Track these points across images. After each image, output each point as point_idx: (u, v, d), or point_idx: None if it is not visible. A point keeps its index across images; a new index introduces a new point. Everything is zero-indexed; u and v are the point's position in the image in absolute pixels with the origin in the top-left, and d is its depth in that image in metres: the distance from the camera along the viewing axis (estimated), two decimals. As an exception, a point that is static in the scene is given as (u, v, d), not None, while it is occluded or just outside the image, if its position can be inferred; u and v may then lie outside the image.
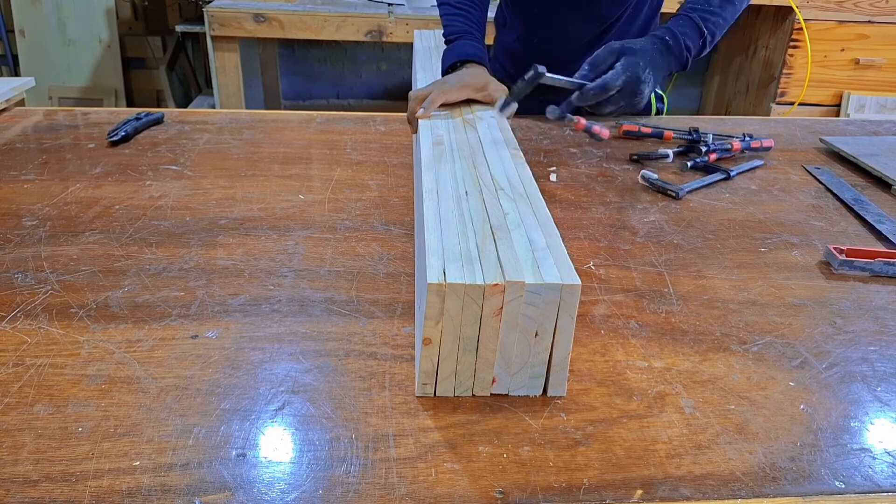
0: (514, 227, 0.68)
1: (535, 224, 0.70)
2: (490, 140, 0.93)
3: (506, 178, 0.81)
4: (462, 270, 0.60)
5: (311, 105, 3.86)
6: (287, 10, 2.76)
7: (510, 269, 0.60)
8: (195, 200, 1.02)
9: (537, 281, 0.59)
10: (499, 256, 0.62)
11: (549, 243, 0.66)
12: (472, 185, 0.78)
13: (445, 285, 0.58)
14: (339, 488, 0.54)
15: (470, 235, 0.67)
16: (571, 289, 0.59)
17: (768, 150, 1.30)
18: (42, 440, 0.58)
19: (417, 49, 1.49)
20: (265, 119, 1.39)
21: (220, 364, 0.68)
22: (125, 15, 3.45)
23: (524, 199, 0.76)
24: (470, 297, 0.59)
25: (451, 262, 0.61)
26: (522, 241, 0.66)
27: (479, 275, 0.59)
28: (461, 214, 0.71)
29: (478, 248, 0.64)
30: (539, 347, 0.62)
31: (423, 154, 0.88)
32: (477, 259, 0.62)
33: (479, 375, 0.63)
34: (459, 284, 0.58)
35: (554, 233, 0.68)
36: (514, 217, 0.71)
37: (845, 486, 0.57)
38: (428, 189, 0.77)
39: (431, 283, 0.58)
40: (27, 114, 1.38)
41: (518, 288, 0.59)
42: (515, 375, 0.63)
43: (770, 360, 0.72)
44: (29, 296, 0.77)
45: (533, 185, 0.80)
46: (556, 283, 0.59)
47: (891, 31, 2.97)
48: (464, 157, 0.87)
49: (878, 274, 0.89)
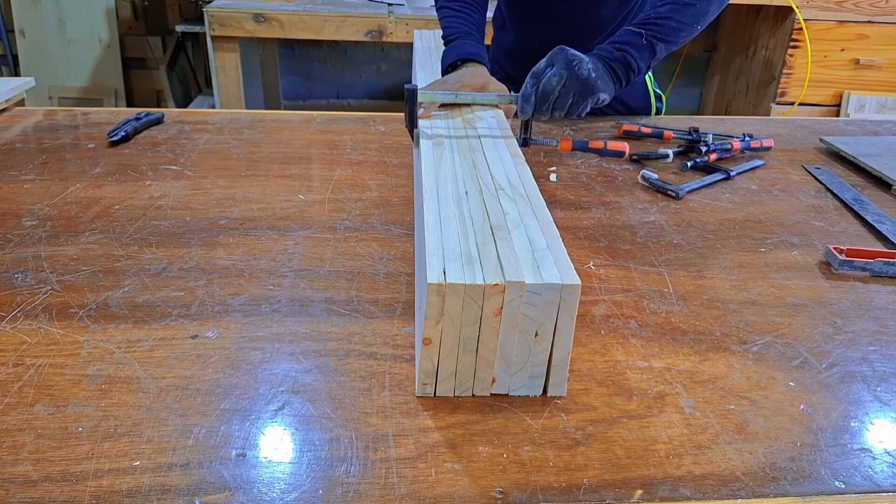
0: (514, 227, 0.68)
1: (535, 224, 0.70)
2: (490, 140, 0.93)
3: (506, 178, 0.80)
4: (462, 270, 0.60)
5: (311, 105, 3.85)
6: (287, 10, 2.76)
7: (510, 269, 0.60)
8: (195, 200, 1.02)
9: (537, 281, 0.59)
10: (499, 256, 0.62)
11: (549, 243, 0.66)
12: (472, 186, 0.78)
13: (445, 285, 0.58)
14: (339, 488, 0.54)
15: (470, 235, 0.67)
16: (571, 288, 0.59)
17: (768, 150, 1.30)
18: (42, 440, 0.58)
19: (417, 49, 1.49)
20: (265, 119, 1.39)
21: (220, 364, 0.68)
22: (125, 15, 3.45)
23: (524, 199, 0.75)
24: (470, 297, 0.59)
25: (451, 262, 0.61)
26: (522, 241, 0.66)
27: (480, 275, 0.59)
28: (461, 214, 0.71)
29: (478, 248, 0.64)
30: (539, 347, 0.62)
31: (423, 154, 0.88)
32: (477, 259, 0.62)
33: (479, 375, 0.63)
34: (459, 284, 0.58)
35: (554, 233, 0.68)
36: (514, 217, 0.71)
37: (845, 486, 0.57)
38: (428, 189, 0.77)
39: (431, 283, 0.58)
40: (27, 114, 1.38)
41: (518, 288, 0.59)
42: (515, 375, 0.63)
43: (770, 360, 0.72)
44: (29, 296, 0.77)
45: (533, 185, 0.79)
46: (556, 282, 0.59)
47: (891, 31, 2.97)
48: (464, 158, 0.86)
49: (878, 274, 0.89)
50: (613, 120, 1.43)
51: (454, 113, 1.06)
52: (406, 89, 0.94)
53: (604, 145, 1.14)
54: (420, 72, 1.31)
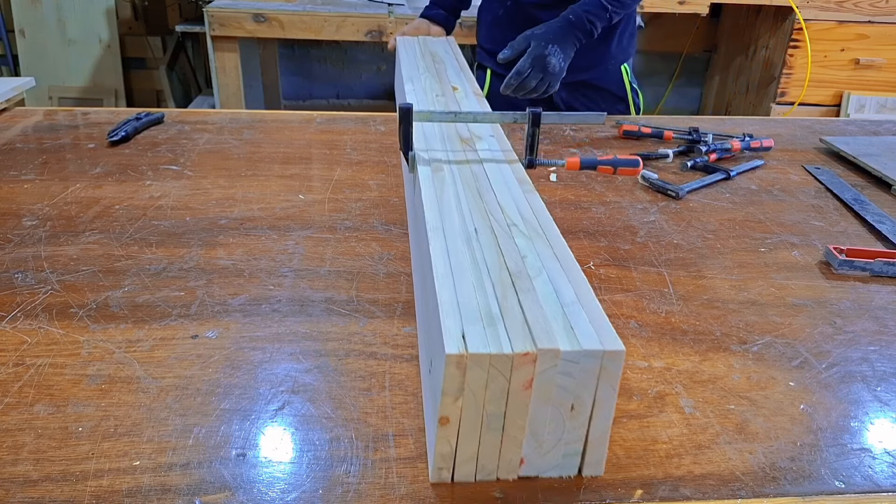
0: (536, 274, 0.60)
1: (559, 269, 0.61)
2: (494, 165, 0.83)
3: (517, 211, 0.72)
4: (485, 335, 0.51)
5: (311, 105, 3.85)
6: (287, 10, 2.76)
7: (540, 333, 0.51)
8: (195, 200, 1.02)
9: (574, 347, 0.50)
10: (524, 314, 0.54)
11: (578, 294, 0.57)
12: (481, 221, 0.69)
13: (467, 356, 0.49)
14: (339, 488, 0.54)
15: (487, 285, 0.58)
16: (614, 356, 0.51)
17: (768, 150, 1.30)
18: (42, 440, 0.58)
19: (402, 57, 1.42)
20: (265, 119, 1.39)
21: (220, 364, 0.68)
22: (125, 15, 3.45)
23: (540, 236, 0.67)
24: (496, 368, 0.50)
25: (471, 325, 0.52)
26: (548, 291, 0.58)
27: (506, 340, 0.51)
28: (473, 259, 0.62)
29: (498, 302, 0.56)
30: (575, 423, 0.54)
31: (422, 183, 0.78)
32: (499, 318, 0.53)
33: (506, 456, 0.55)
34: (484, 355, 0.49)
35: (581, 280, 0.60)
36: (533, 261, 0.62)
37: (845, 486, 0.57)
38: (433, 227, 0.67)
39: (450, 354, 0.49)
40: (27, 114, 1.38)
41: (552, 357, 0.50)
42: (547, 455, 0.55)
43: (770, 360, 0.72)
44: (29, 296, 0.77)
45: (548, 218, 0.71)
46: (597, 349, 0.51)
47: (891, 31, 2.97)
48: (468, 187, 0.77)
49: (878, 274, 0.89)
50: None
51: (451, 130, 0.95)
52: (400, 108, 0.83)
53: (614, 169, 0.93)
54: (408, 83, 1.21)
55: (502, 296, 0.57)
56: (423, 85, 1.20)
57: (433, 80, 1.23)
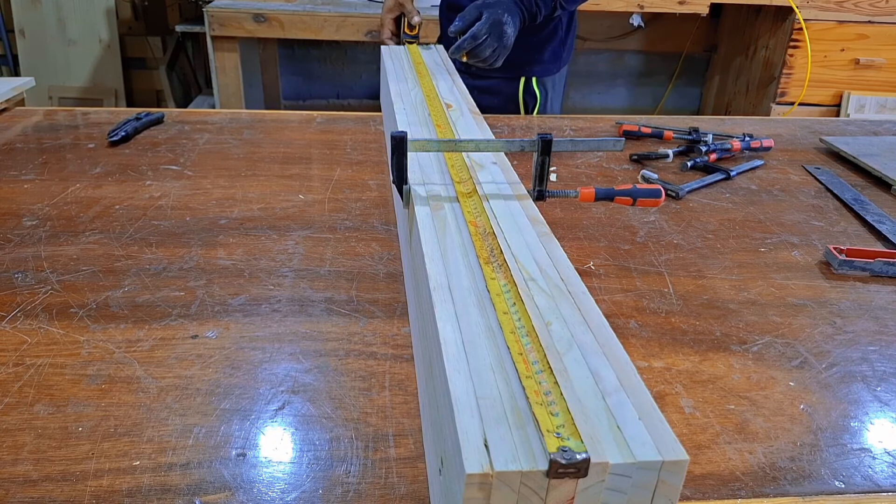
0: (566, 349, 0.48)
1: (593, 342, 0.49)
2: (501, 201, 0.71)
3: (533, 261, 0.60)
4: (512, 440, 0.40)
5: (311, 105, 3.85)
6: (287, 10, 2.76)
7: (582, 437, 0.41)
8: (195, 200, 1.02)
9: (626, 460, 0.39)
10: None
11: (621, 379, 0.46)
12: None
13: (493, 475, 0.38)
14: (339, 488, 0.54)
15: (508, 366, 0.47)
16: (674, 466, 0.40)
17: (768, 150, 1.30)
18: (42, 440, 0.58)
19: (389, 69, 1.30)
20: (265, 119, 1.39)
21: (220, 364, 0.68)
22: (125, 15, 3.45)
23: (564, 294, 0.55)
24: (528, 487, 0.39)
25: (494, 426, 0.41)
26: (583, 375, 0.46)
27: (539, 448, 0.40)
28: (488, 326, 0.51)
29: (524, 391, 0.44)
30: None
31: (420, 227, 0.66)
32: (529, 415, 0.42)
33: None
34: (514, 473, 0.38)
35: (622, 357, 0.48)
36: (560, 330, 0.50)
37: (845, 486, 0.57)
38: (437, 284, 0.56)
39: (472, 473, 0.38)
40: (27, 114, 1.38)
41: (599, 471, 0.39)
42: None
43: (770, 360, 0.72)
44: (29, 296, 0.77)
45: (568, 267, 0.59)
46: (654, 459, 0.40)
47: (891, 31, 2.97)
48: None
49: (878, 274, 0.89)
50: (612, 120, 1.43)
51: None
52: (393, 137, 0.71)
53: (633, 200, 0.80)
54: (396, 100, 1.05)
55: (528, 382, 0.45)
56: (413, 101, 1.06)
57: (424, 97, 1.09)
